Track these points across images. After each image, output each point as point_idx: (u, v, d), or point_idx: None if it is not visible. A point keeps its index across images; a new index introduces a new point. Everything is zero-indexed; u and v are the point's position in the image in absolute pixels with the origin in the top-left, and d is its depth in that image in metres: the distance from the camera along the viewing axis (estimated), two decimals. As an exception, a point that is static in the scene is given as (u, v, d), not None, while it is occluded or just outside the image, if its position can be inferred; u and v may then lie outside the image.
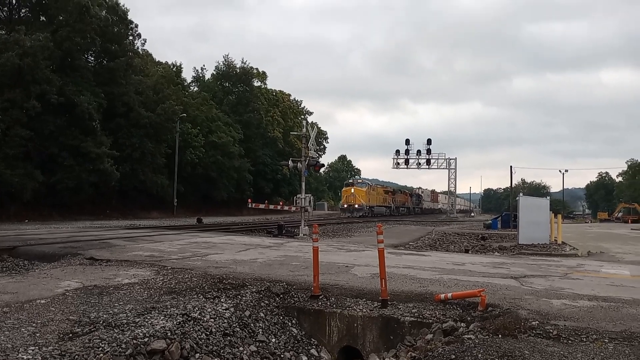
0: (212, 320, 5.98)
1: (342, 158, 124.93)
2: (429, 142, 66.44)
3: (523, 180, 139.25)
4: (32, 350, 4.46)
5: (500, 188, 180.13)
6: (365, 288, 7.59)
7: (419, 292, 7.37)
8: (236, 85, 66.23)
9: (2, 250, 11.66)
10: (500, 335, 5.24)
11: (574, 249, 17.12)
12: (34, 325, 5.24)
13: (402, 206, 73.08)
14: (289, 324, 6.83)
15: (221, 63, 66.56)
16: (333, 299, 7.15)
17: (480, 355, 4.71)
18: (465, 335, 5.45)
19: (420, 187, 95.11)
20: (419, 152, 67.07)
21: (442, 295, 6.79)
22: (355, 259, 11.46)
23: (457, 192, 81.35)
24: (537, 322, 5.62)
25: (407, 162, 67.67)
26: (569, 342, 5.04)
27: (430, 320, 6.28)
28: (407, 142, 66.88)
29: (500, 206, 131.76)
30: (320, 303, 7.05)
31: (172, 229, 22.97)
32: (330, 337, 6.71)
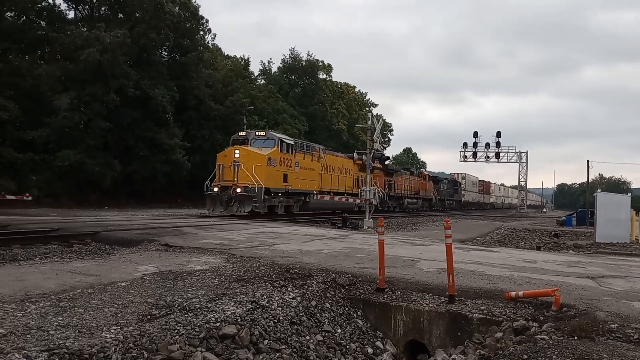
0: (280, 308, 6.11)
1: (407, 150, 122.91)
2: (498, 134, 64.19)
3: (601, 175, 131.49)
4: (115, 329, 4.73)
5: (575, 183, 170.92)
6: (431, 283, 7.48)
7: (488, 289, 7.17)
8: (302, 77, 66.87)
9: (86, 235, 12.46)
10: (576, 337, 5.02)
11: (657, 250, 16.05)
12: (115, 306, 5.57)
13: (414, 197, 45.61)
14: (354, 315, 6.87)
15: (287, 56, 67.50)
16: (399, 292, 7.12)
17: (554, 356, 4.53)
18: (538, 336, 5.26)
19: (459, 173, 68.91)
20: (487, 145, 64.95)
21: (513, 293, 6.57)
22: (420, 252, 11.31)
23: (528, 186, 77.73)
24: (616, 324, 5.32)
25: (474, 155, 65.61)
26: (653, 347, 4.75)
27: (500, 319, 6.11)
28: (475, 134, 64.91)
29: (576, 202, 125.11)
30: (385, 296, 7.03)
31: (240, 218, 23.58)
32: (395, 331, 6.69)
